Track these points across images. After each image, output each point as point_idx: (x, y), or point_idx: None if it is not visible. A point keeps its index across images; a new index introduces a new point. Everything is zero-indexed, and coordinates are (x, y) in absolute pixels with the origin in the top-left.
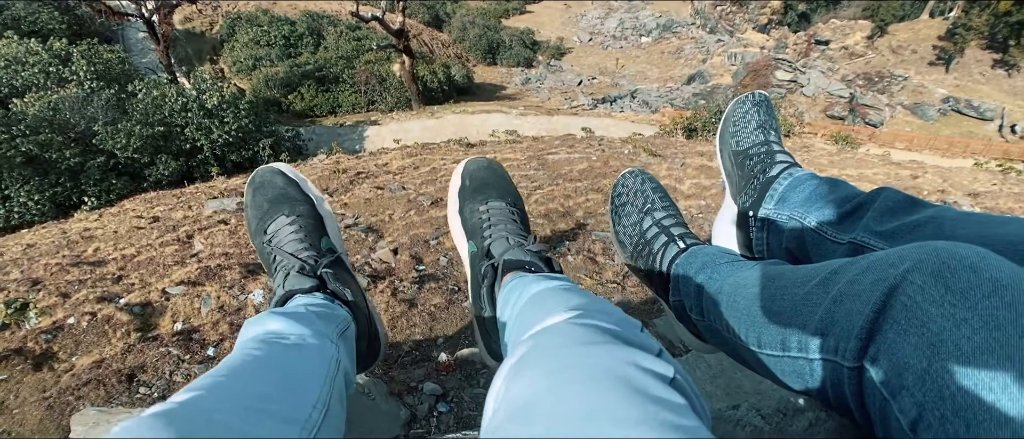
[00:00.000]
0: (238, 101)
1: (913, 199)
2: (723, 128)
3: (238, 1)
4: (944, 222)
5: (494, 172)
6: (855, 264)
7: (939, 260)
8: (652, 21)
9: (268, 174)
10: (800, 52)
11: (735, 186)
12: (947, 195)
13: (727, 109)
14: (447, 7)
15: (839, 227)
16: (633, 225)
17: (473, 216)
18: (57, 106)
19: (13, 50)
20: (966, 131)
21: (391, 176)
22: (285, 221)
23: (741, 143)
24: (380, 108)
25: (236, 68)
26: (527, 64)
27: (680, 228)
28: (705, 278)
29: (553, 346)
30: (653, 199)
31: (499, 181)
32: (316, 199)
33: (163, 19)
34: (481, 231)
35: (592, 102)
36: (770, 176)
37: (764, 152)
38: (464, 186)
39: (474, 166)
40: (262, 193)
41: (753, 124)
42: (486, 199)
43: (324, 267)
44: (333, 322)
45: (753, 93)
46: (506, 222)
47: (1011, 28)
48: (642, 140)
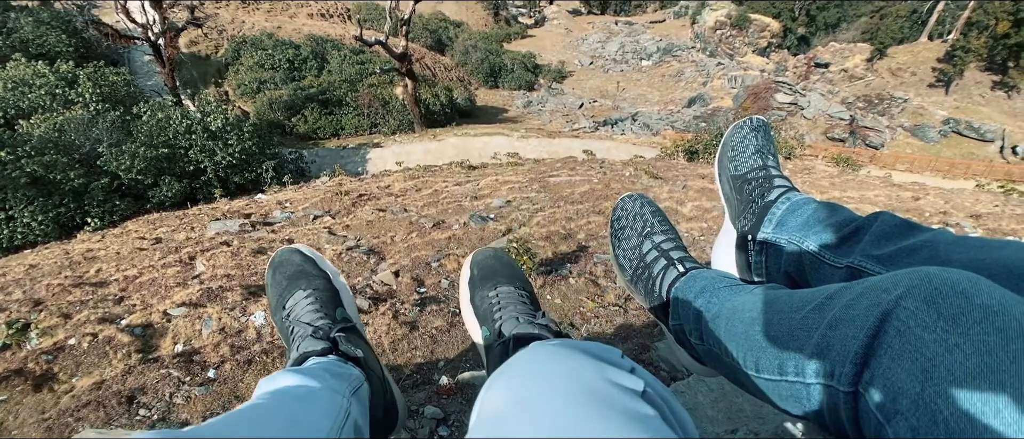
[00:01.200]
0: (242, 124)
1: (910, 223)
2: (722, 152)
3: (243, 25)
4: (940, 246)
5: (501, 260)
6: (850, 289)
7: (931, 286)
8: (652, 45)
9: (286, 254)
10: (800, 75)
11: (734, 210)
12: (949, 217)
13: (725, 134)
14: (449, 31)
15: (837, 251)
16: (633, 249)
17: (483, 302)
18: (62, 127)
19: (20, 72)
20: (967, 152)
21: (393, 198)
22: (302, 295)
23: (739, 167)
24: (383, 131)
25: (240, 91)
26: (529, 87)
27: (679, 252)
28: (704, 302)
29: (525, 360)
30: (652, 223)
31: (506, 268)
32: (331, 274)
33: (169, 42)
34: (492, 314)
35: (593, 125)
36: (768, 200)
37: (762, 176)
38: (473, 276)
39: (482, 257)
40: (281, 271)
41: (751, 148)
42: (495, 285)
43: (337, 331)
44: (346, 380)
45: (751, 118)
46: (515, 303)
47: (1010, 50)
48: (643, 162)
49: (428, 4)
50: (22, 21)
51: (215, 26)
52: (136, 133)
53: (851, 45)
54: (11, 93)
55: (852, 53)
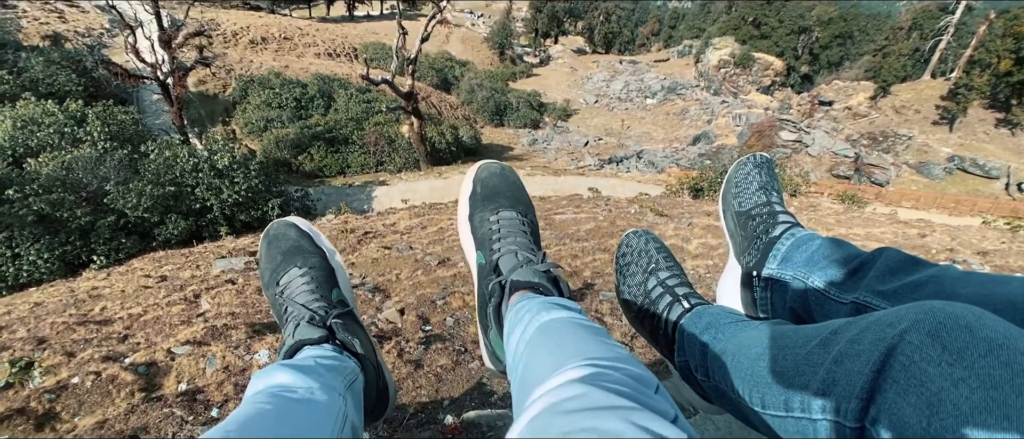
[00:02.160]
0: (248, 162)
1: (914, 259)
2: (726, 189)
3: (251, 64)
4: (945, 281)
5: (506, 179)
6: (855, 324)
7: (935, 320)
8: (656, 83)
9: (282, 227)
10: (804, 113)
11: (739, 246)
12: (956, 254)
13: (729, 171)
14: (455, 70)
15: (842, 287)
16: (638, 285)
17: (483, 225)
18: (70, 166)
19: (30, 111)
20: (972, 189)
21: (398, 236)
22: (297, 273)
23: (743, 204)
24: (389, 168)
25: (248, 129)
26: (534, 125)
27: (684, 288)
28: (710, 338)
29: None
30: (657, 259)
31: (511, 189)
32: (328, 252)
33: (177, 82)
34: (490, 242)
35: (598, 162)
36: (773, 236)
37: (767, 212)
38: (475, 192)
39: (486, 173)
40: (276, 245)
41: (755, 185)
42: (497, 209)
43: (334, 318)
44: (341, 374)
45: (754, 155)
46: (516, 234)
47: (1013, 88)
48: (648, 200)
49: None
50: (33, 61)
51: (223, 66)
52: (143, 171)
53: (854, 83)
54: (20, 131)
55: (856, 91)
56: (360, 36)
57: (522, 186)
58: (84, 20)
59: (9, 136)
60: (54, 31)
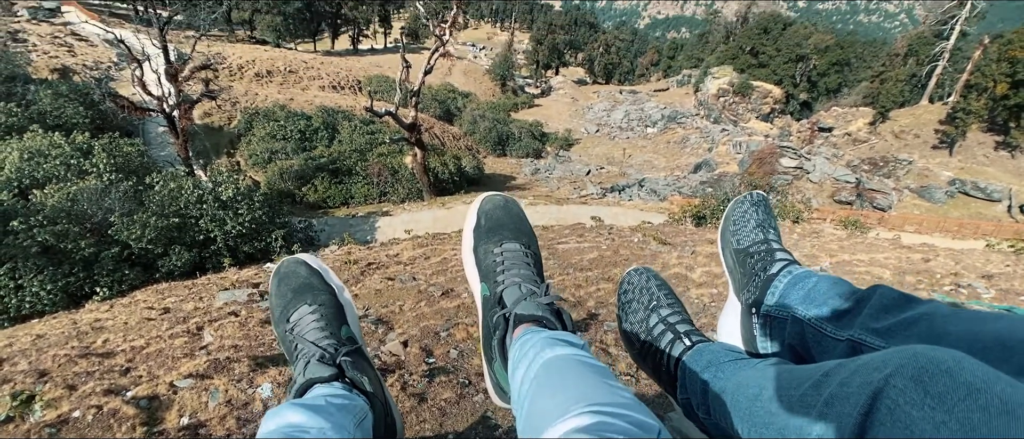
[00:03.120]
0: (252, 193)
1: (907, 296)
2: (724, 227)
3: (257, 97)
4: (936, 319)
5: (510, 212)
6: (845, 366)
7: (918, 364)
8: (657, 112)
9: (292, 265)
10: (804, 139)
11: (738, 283)
12: (960, 278)
13: (727, 209)
14: (458, 101)
15: (838, 324)
16: (640, 322)
17: (487, 257)
18: (75, 197)
19: (37, 143)
20: (975, 213)
21: (402, 266)
22: (307, 310)
23: (742, 241)
24: (392, 199)
25: (252, 161)
26: (536, 155)
27: (686, 325)
28: (710, 376)
29: None
30: (659, 296)
31: (514, 221)
32: (337, 288)
33: (183, 114)
34: (494, 274)
35: (601, 191)
36: (770, 273)
37: (764, 250)
38: (479, 225)
39: (490, 205)
40: (286, 283)
41: (752, 223)
42: (501, 240)
43: (343, 355)
44: (351, 413)
45: (751, 194)
46: (519, 266)
47: (1010, 111)
48: (651, 228)
49: (437, 76)
50: (41, 93)
51: (229, 98)
52: (148, 203)
53: (853, 109)
54: (27, 163)
55: (855, 117)
56: (364, 69)
57: (525, 218)
58: (93, 54)
59: (16, 168)
60: (63, 64)
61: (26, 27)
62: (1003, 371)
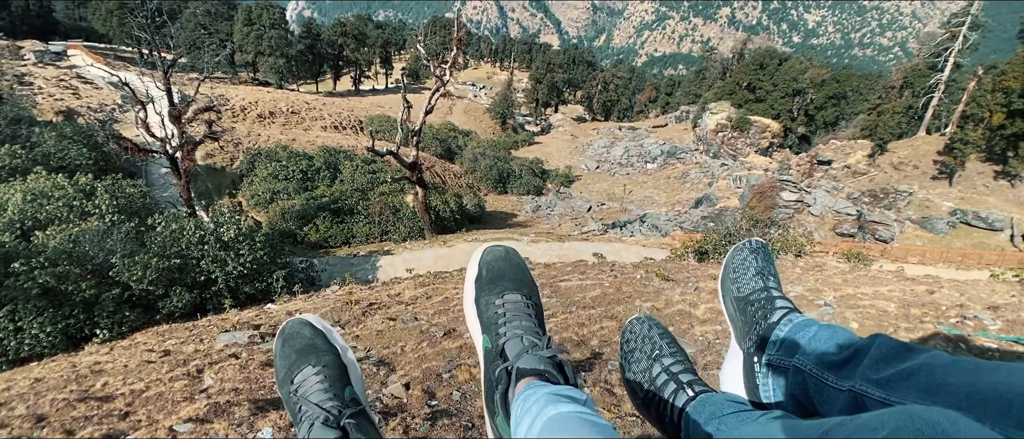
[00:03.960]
0: (254, 233)
1: (906, 346)
2: (724, 275)
3: (259, 138)
4: (936, 370)
5: (511, 263)
6: (843, 426)
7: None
8: (656, 148)
9: (297, 326)
10: (804, 173)
11: (739, 332)
12: (966, 310)
13: (726, 256)
14: (459, 140)
15: (839, 374)
16: (643, 371)
17: (489, 309)
18: (78, 239)
19: (41, 185)
20: (977, 242)
21: (403, 307)
22: (311, 371)
23: (742, 289)
24: (393, 238)
25: (254, 201)
26: (537, 192)
27: (689, 375)
28: (714, 429)
29: None
30: (661, 345)
31: (515, 272)
32: (341, 349)
33: (186, 156)
34: (496, 326)
35: (602, 227)
36: (771, 322)
37: (764, 298)
38: (481, 275)
39: (491, 256)
40: (290, 344)
41: (752, 270)
42: (502, 292)
43: (347, 418)
44: None
45: (750, 240)
46: (521, 318)
47: (1007, 140)
48: (654, 265)
49: (438, 115)
50: (46, 135)
51: (231, 139)
52: (150, 244)
53: (852, 142)
54: (30, 205)
55: (853, 149)
56: (366, 109)
57: (526, 269)
58: (97, 96)
59: (19, 209)
60: (68, 107)
61: (32, 70)
62: (1003, 424)
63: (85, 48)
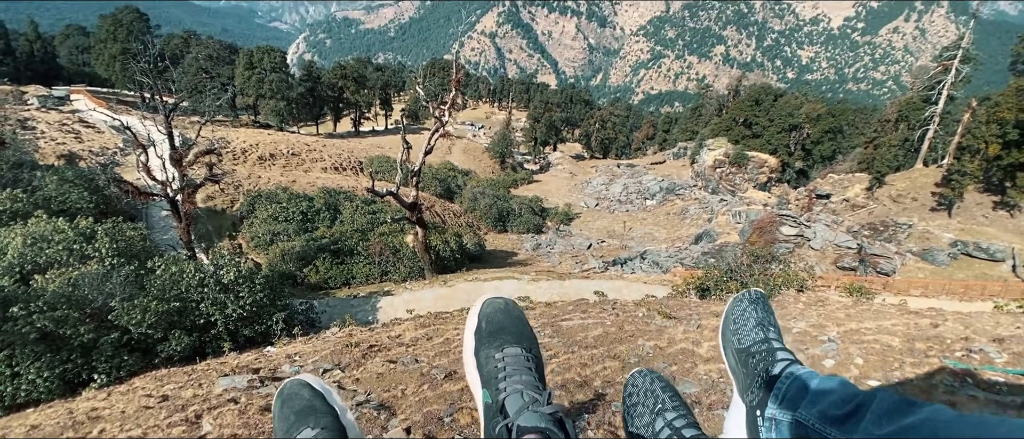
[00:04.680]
0: (254, 276)
1: (908, 401)
2: (724, 326)
3: (260, 180)
4: (939, 425)
5: (510, 315)
6: None
7: None
8: (655, 185)
9: (296, 387)
10: (803, 207)
11: (741, 384)
12: (971, 343)
13: (726, 307)
14: (458, 179)
15: (842, 429)
16: (646, 426)
17: (489, 362)
18: (77, 282)
19: (41, 228)
20: (979, 273)
21: (404, 348)
22: (310, 433)
23: (743, 341)
24: (393, 278)
25: (254, 243)
26: (537, 230)
27: (692, 430)
28: None
29: None
30: (664, 399)
31: (515, 324)
32: (340, 410)
33: (186, 198)
34: (496, 380)
35: (603, 265)
36: (773, 374)
37: (765, 350)
38: (480, 328)
39: (491, 308)
40: (289, 405)
41: (752, 321)
42: (502, 345)
43: None
44: None
45: (749, 291)
46: (521, 372)
47: (1004, 171)
48: (656, 302)
49: (437, 154)
50: (47, 179)
51: (232, 182)
52: (149, 287)
53: (849, 175)
54: (30, 249)
55: (851, 183)
56: (366, 150)
57: (526, 321)
58: (99, 140)
59: (19, 253)
60: (69, 151)
61: (35, 115)
62: None
63: (88, 93)
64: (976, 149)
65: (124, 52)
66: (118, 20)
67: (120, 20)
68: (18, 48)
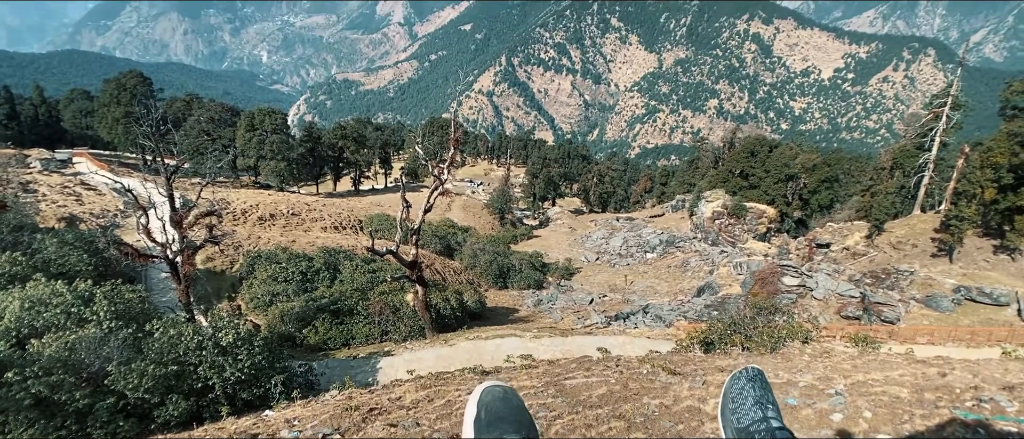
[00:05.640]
0: (253, 337)
1: None
2: (723, 404)
3: (260, 240)
4: None
5: (509, 403)
6: None
7: None
8: (655, 238)
9: None
10: (803, 256)
11: None
12: (981, 392)
13: (725, 385)
14: (458, 236)
15: None
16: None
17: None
18: (74, 346)
19: (39, 292)
20: (985, 319)
21: (405, 412)
22: None
23: (742, 420)
24: (394, 338)
25: (253, 304)
26: (538, 286)
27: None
28: None
29: None
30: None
31: (514, 413)
32: None
33: (186, 260)
34: None
35: (605, 320)
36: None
37: (764, 429)
38: (479, 417)
39: (489, 397)
40: None
41: (750, 400)
42: (501, 435)
43: None
44: None
45: (747, 369)
46: None
47: (1002, 215)
48: (660, 358)
49: (436, 212)
50: (47, 242)
51: (232, 243)
52: (147, 350)
53: (848, 224)
54: (27, 312)
55: (850, 231)
56: (365, 209)
57: (525, 409)
58: (100, 202)
59: (16, 317)
60: (70, 213)
61: (37, 177)
62: None
63: (90, 155)
64: (972, 194)
65: (127, 115)
66: (122, 84)
67: (124, 84)
68: (23, 112)
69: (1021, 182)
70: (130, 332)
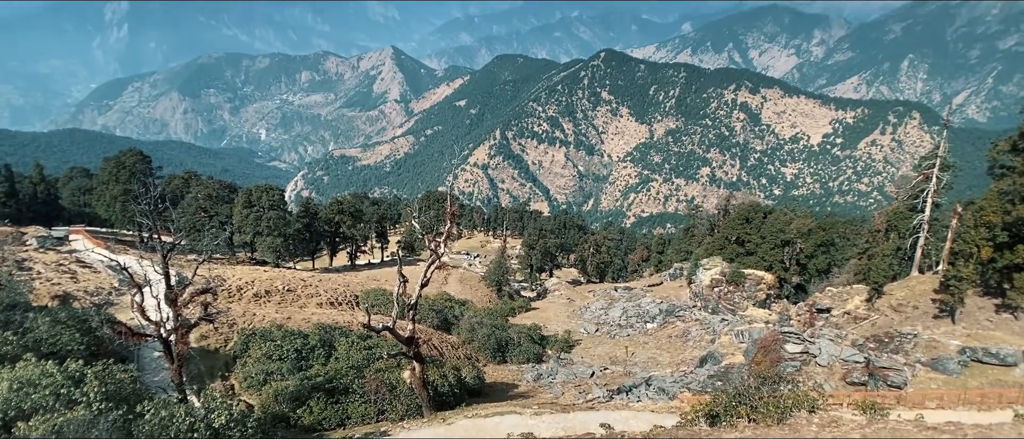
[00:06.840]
0: (246, 419)
1: None
2: None
3: (255, 317)
4: None
5: None
6: None
7: None
8: (654, 307)
9: None
10: (804, 322)
11: None
12: None
13: None
14: (455, 310)
15: None
16: None
17: None
18: (61, 430)
19: (29, 373)
20: (994, 380)
21: None
22: None
23: None
24: (390, 417)
25: (247, 383)
26: (537, 359)
27: None
28: None
29: None
30: None
31: None
32: None
33: (180, 339)
34: None
35: (607, 394)
36: None
37: None
38: None
39: None
40: None
41: None
42: None
43: None
44: None
45: None
46: None
47: (1000, 273)
48: (665, 432)
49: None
50: (40, 321)
51: (226, 320)
52: (137, 433)
53: (847, 287)
54: (15, 394)
55: (850, 295)
56: (362, 284)
57: None
58: (95, 280)
59: (3, 399)
60: (64, 291)
61: (33, 255)
62: None
63: (87, 233)
64: (969, 253)
65: (125, 193)
66: (121, 162)
67: (123, 162)
68: (22, 190)
69: (1016, 239)
70: (120, 414)
